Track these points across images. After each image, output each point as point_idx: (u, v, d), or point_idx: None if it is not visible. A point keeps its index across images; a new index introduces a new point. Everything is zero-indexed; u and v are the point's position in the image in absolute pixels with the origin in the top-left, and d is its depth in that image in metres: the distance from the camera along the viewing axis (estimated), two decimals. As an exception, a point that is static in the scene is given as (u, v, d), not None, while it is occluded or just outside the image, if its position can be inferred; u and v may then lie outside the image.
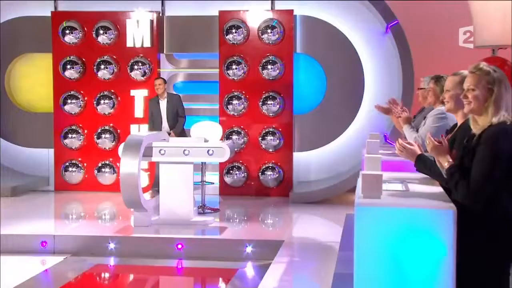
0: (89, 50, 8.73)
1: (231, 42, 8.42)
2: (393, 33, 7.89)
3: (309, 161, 8.54)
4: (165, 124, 7.81)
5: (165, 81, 7.92)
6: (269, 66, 8.34)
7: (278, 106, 8.36)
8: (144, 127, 8.50)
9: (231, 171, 8.48)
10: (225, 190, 8.47)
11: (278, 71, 8.35)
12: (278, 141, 8.41)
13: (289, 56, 8.35)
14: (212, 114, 8.67)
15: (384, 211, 2.71)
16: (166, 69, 8.85)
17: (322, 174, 8.48)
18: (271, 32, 8.34)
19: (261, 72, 8.39)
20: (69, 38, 8.71)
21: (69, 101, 8.80)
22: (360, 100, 8.28)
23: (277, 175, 8.43)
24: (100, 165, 8.65)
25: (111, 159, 8.61)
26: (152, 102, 7.94)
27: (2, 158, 9.07)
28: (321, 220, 7.22)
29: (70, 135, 8.81)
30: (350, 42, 8.26)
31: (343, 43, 8.21)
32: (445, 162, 2.94)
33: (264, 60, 8.37)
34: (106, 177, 8.63)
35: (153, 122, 7.88)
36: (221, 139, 7.30)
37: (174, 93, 8.17)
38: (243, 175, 8.49)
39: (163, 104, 7.85)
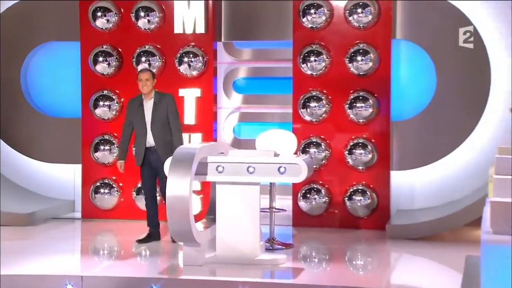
0: (126, 37, 8.91)
1: (309, 26, 8.52)
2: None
3: (412, 183, 8.55)
4: (149, 138, 7.36)
5: (153, 75, 7.47)
6: (359, 58, 8.38)
7: (370, 109, 8.39)
8: (197, 136, 8.69)
9: (308, 195, 8.54)
10: (301, 219, 8.54)
11: (371, 63, 8.37)
12: (370, 156, 8.43)
13: (386, 43, 8.38)
14: (284, 121, 8.79)
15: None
16: (224, 61, 8.99)
17: (430, 200, 8.46)
18: (362, 12, 8.38)
19: (348, 65, 8.44)
20: (101, 23, 8.90)
21: (101, 103, 8.99)
22: (485, 101, 8.21)
23: (369, 201, 8.44)
24: (140, 186, 8.64)
25: None
26: (131, 105, 7.50)
27: (17, 176, 9.39)
28: (430, 263, 7.17)
29: (102, 147, 9.00)
30: (470, 23, 8.17)
31: (461, 26, 8.17)
32: None
33: (352, 50, 8.41)
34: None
35: (129, 135, 7.48)
36: (295, 153, 7.41)
37: (164, 92, 7.65)
38: (324, 200, 8.53)
39: (148, 106, 7.38)
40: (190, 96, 8.78)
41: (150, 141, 7.36)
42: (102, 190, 8.96)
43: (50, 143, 9.29)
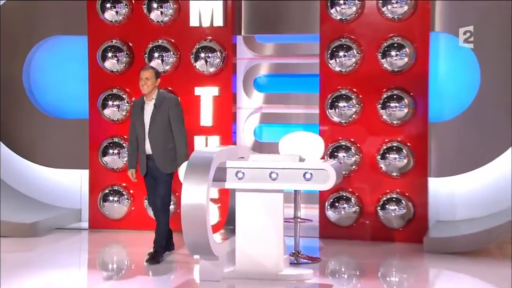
0: (137, 31, 8.94)
1: (337, 18, 8.50)
2: None
3: (453, 192, 8.51)
4: (147, 145, 7.28)
5: (156, 74, 7.35)
6: (393, 52, 8.35)
7: (406, 110, 8.34)
8: (214, 139, 8.68)
9: (336, 204, 8.50)
10: (328, 231, 8.52)
11: (406, 59, 8.33)
12: (405, 161, 8.38)
13: (424, 37, 8.33)
14: (310, 122, 8.81)
15: None
16: (244, 57, 8.99)
17: (473, 210, 8.40)
18: (396, 2, 8.33)
19: (381, 61, 8.41)
20: (111, 15, 8.92)
21: (110, 102, 8.99)
22: (536, 100, 8.18)
23: (404, 210, 8.38)
24: (152, 193, 8.47)
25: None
26: (134, 106, 7.46)
27: (18, 182, 9.43)
28: (473, 280, 7.09)
29: (111, 151, 9.00)
30: (517, 12, 8.12)
31: (509, 15, 8.09)
32: None
33: (385, 44, 8.38)
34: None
35: (136, 139, 7.39)
36: (322, 158, 7.43)
37: (169, 94, 7.61)
38: (354, 210, 8.49)
39: (147, 109, 7.30)
40: (207, 95, 8.78)
41: (148, 148, 7.31)
42: (111, 198, 8.96)
43: (54, 147, 9.33)
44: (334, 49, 8.46)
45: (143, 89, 7.29)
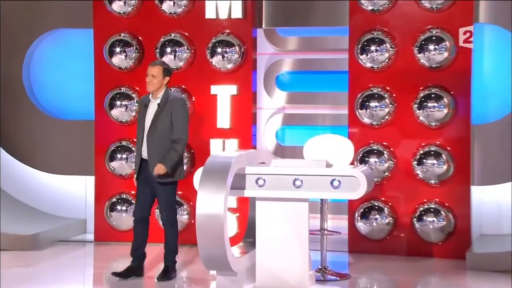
0: (148, 24, 8.96)
1: (369, 8, 8.48)
2: None
3: (498, 202, 8.45)
4: (144, 147, 7.18)
5: (166, 71, 7.19)
6: (431, 46, 8.32)
7: (445, 110, 8.31)
8: (233, 143, 8.71)
9: (367, 215, 8.48)
10: (358, 244, 8.51)
11: (446, 54, 8.31)
12: (445, 167, 8.33)
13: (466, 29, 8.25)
14: (338, 124, 8.83)
15: None
16: (265, 52, 9.00)
17: None
18: (435, -10, 8.26)
19: (417, 56, 8.38)
20: (119, 6, 8.95)
21: (117, 102, 8.99)
22: None
23: (444, 222, 8.33)
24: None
25: (180, 192, 8.50)
26: (141, 103, 7.43)
27: (18, 190, 9.44)
28: None
29: (119, 156, 9.00)
30: None
31: None
32: None
33: (423, 37, 8.36)
34: (173, 221, 8.55)
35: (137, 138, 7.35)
36: (351, 163, 7.44)
37: (177, 93, 7.57)
38: (387, 221, 8.45)
39: (151, 108, 7.20)
40: (224, 94, 8.77)
41: (144, 151, 7.19)
42: (119, 207, 8.96)
43: (57, 151, 9.36)
44: (365, 43, 8.44)
45: (148, 86, 7.21)
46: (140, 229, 7.31)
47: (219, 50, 8.72)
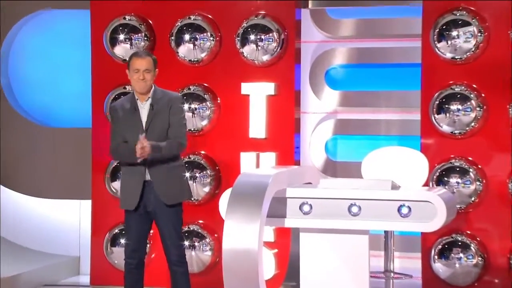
0: (161, 4, 8.95)
1: None
2: None
3: None
4: (143, 166, 7.12)
5: (155, 62, 7.24)
6: None
7: None
8: (269, 157, 8.56)
9: (447, 254, 8.28)
10: None
11: None
12: None
13: None
14: (407, 133, 8.73)
15: None
16: (312, 40, 8.92)
17: None
18: (539, -45, 8.07)
19: None
20: None
21: None
22: None
23: None
24: (177, 233, 8.65)
25: (202, 221, 8.66)
26: (116, 111, 7.26)
27: None
28: None
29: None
30: None
31: None
32: None
33: None
34: (192, 258, 8.62)
35: (119, 150, 7.23)
36: (425, 185, 7.31)
37: (169, 91, 7.51)
38: (474, 262, 8.24)
39: (143, 113, 7.14)
40: (258, 94, 8.69)
41: (145, 170, 7.08)
42: (122, 241, 8.77)
43: (43, 168, 9.43)
44: (444, 27, 8.25)
45: (140, 85, 7.06)
46: (135, 276, 7.19)
47: (252, 37, 8.62)
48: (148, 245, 7.30)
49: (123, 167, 7.27)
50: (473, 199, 8.19)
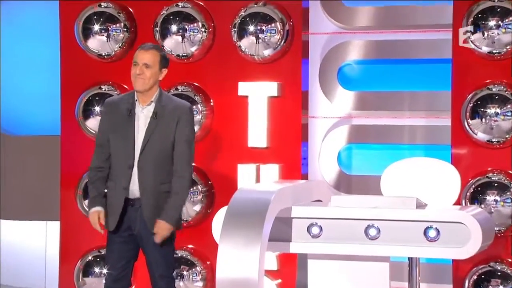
0: None
1: None
2: None
3: None
4: (132, 180, 7.05)
5: (164, 60, 7.21)
6: None
7: None
8: (272, 169, 8.54)
9: (485, 285, 8.21)
10: None
11: None
12: None
13: None
14: (435, 141, 8.74)
15: None
16: (322, 31, 8.96)
17: None
18: None
19: None
20: None
21: (96, 108, 9.01)
22: None
23: None
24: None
25: (192, 246, 8.71)
26: (111, 108, 7.26)
27: None
28: None
29: None
30: None
31: None
32: None
33: None
34: (179, 290, 8.66)
35: (103, 166, 7.19)
36: (457, 203, 7.32)
37: (179, 99, 7.53)
38: None
39: (141, 118, 7.12)
40: (258, 95, 8.75)
41: (132, 186, 7.03)
42: (97, 270, 8.87)
43: (4, 184, 9.56)
44: (479, 16, 8.23)
45: (136, 82, 7.01)
46: None
47: (251, 28, 8.65)
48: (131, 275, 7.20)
49: (108, 181, 7.20)
50: (514, 221, 8.23)
